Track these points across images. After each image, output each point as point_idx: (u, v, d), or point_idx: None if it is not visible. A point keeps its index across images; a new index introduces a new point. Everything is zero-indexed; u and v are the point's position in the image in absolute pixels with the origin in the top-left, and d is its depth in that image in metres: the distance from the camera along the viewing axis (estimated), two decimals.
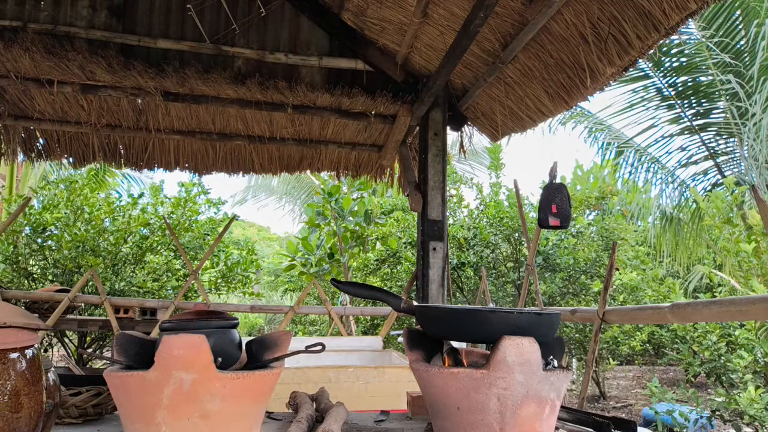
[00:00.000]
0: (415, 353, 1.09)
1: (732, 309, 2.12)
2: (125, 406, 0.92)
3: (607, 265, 3.24)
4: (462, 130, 3.74)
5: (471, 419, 0.93)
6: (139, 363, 0.95)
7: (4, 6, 3.11)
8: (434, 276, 3.29)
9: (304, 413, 1.11)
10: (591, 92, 2.65)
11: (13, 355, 0.81)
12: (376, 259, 9.15)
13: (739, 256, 6.14)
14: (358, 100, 3.45)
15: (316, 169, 4.43)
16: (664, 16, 2.08)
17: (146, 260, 7.94)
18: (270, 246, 21.11)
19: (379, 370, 3.03)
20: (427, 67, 3.38)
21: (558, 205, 2.75)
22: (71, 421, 1.12)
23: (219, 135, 3.86)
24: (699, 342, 5.69)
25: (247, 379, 0.91)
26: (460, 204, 9.39)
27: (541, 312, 0.97)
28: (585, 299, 7.45)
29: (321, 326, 10.39)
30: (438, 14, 2.94)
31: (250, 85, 3.29)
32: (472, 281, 8.38)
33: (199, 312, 1.04)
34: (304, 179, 13.10)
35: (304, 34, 3.52)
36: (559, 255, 7.53)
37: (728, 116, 7.62)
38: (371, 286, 1.23)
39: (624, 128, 8.68)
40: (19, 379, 0.81)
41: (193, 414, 0.87)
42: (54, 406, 0.91)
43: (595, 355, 3.29)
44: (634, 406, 7.38)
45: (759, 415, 4.48)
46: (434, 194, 3.34)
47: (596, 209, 9.10)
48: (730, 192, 6.98)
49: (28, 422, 0.81)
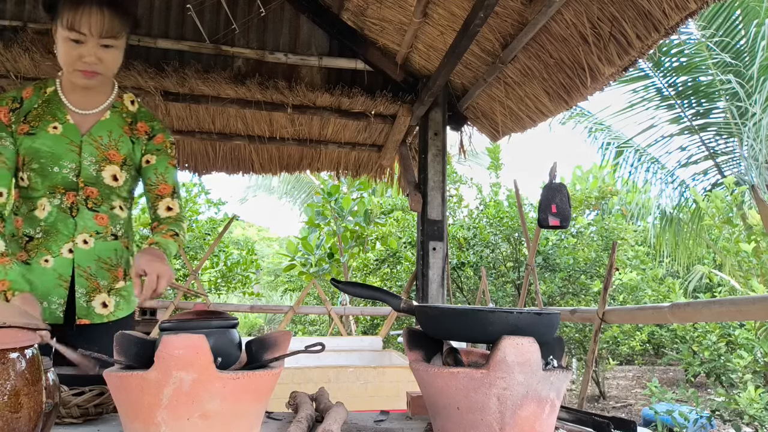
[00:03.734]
0: (415, 353, 1.09)
1: (732, 309, 2.12)
2: (125, 406, 0.92)
3: (607, 265, 3.24)
4: (462, 130, 3.74)
5: (471, 419, 0.93)
6: (139, 363, 0.95)
7: (4, 6, 3.11)
8: (434, 276, 3.29)
9: (304, 413, 1.11)
10: (591, 92, 2.65)
11: (12, 355, 0.81)
12: (376, 259, 9.16)
13: (739, 256, 6.15)
14: (357, 100, 3.45)
15: (315, 169, 4.43)
16: (664, 16, 2.08)
17: None
18: (270, 246, 21.11)
19: (379, 370, 3.03)
20: (427, 67, 3.38)
21: (558, 205, 2.75)
22: (72, 421, 1.12)
23: (219, 135, 3.86)
24: (699, 342, 5.69)
25: (247, 379, 0.91)
26: (460, 204, 9.40)
27: (541, 312, 0.97)
28: (585, 299, 7.45)
29: (321, 326, 10.40)
30: (438, 14, 2.94)
31: (250, 85, 3.29)
32: (472, 281, 8.38)
33: (199, 312, 1.04)
34: (304, 179, 13.11)
35: (304, 34, 3.52)
36: (559, 255, 7.54)
37: (728, 116, 7.62)
38: (371, 286, 1.23)
39: (624, 128, 8.70)
40: (18, 379, 0.81)
41: (193, 414, 0.87)
42: (54, 406, 0.91)
43: (595, 355, 3.29)
44: (634, 406, 7.39)
45: (759, 415, 4.48)
46: (434, 194, 3.34)
47: (596, 209, 9.11)
48: (730, 192, 6.98)
49: (27, 422, 0.81)
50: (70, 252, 1.60)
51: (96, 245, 1.63)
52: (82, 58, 1.52)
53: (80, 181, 1.60)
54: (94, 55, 1.52)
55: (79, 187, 1.61)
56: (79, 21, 1.48)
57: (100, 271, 1.64)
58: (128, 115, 1.71)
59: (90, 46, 1.51)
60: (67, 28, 1.49)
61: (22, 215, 1.61)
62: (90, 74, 1.56)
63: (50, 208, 1.59)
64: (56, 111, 1.61)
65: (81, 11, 1.48)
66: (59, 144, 1.58)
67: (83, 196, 1.62)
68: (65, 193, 1.60)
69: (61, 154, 1.58)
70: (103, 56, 1.54)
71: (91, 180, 1.62)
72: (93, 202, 1.63)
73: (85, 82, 1.58)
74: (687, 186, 8.54)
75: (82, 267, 1.61)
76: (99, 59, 1.54)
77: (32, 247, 1.58)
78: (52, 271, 1.59)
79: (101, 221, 1.65)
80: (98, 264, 1.64)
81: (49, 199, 1.59)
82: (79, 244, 1.61)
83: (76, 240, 1.61)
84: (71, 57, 1.53)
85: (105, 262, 1.65)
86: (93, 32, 1.50)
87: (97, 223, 1.64)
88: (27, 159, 1.57)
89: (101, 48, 1.53)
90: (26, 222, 1.60)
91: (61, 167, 1.58)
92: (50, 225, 1.59)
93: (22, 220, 1.60)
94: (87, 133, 1.62)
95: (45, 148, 1.56)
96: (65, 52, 1.53)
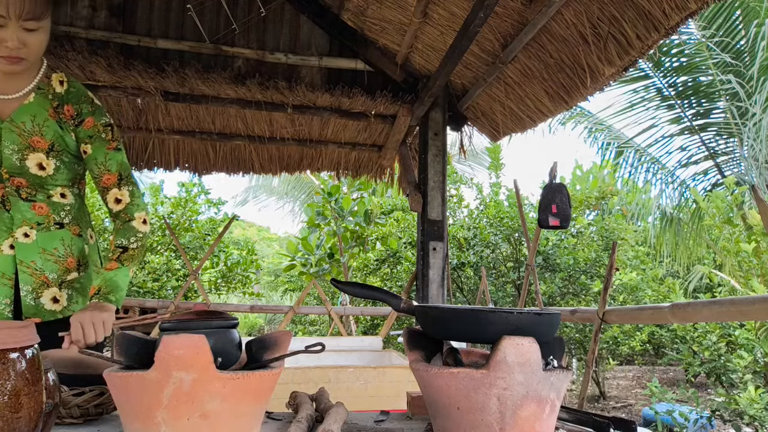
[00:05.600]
0: (415, 353, 1.09)
1: (732, 309, 2.12)
2: (125, 406, 0.92)
3: (607, 265, 3.24)
4: (462, 130, 3.74)
5: (471, 419, 0.93)
6: (139, 363, 0.95)
7: None
8: (434, 276, 3.29)
9: (304, 413, 1.11)
10: (591, 92, 2.65)
11: (12, 355, 0.81)
12: (376, 259, 9.16)
13: (739, 256, 6.14)
14: (358, 100, 3.45)
15: (316, 169, 4.43)
16: (664, 16, 2.08)
17: (146, 260, 7.93)
18: (270, 246, 21.11)
19: (379, 370, 3.03)
20: (427, 67, 3.38)
21: (558, 205, 2.76)
22: (72, 421, 1.12)
23: (219, 135, 3.87)
24: (699, 342, 5.69)
25: (247, 379, 0.91)
26: (460, 204, 9.40)
27: (541, 312, 0.97)
28: (585, 299, 7.45)
29: (321, 326, 10.40)
30: (438, 14, 2.94)
31: (250, 85, 3.29)
32: (472, 281, 8.38)
33: (199, 312, 1.04)
34: (304, 179, 13.10)
35: (304, 34, 3.52)
36: (559, 255, 7.53)
37: (728, 116, 7.62)
38: (371, 286, 1.23)
39: (624, 128, 8.68)
40: (19, 379, 0.81)
41: (193, 414, 0.87)
42: (54, 406, 0.91)
43: (595, 355, 3.29)
44: (634, 406, 7.38)
45: (759, 415, 4.48)
46: (434, 194, 3.34)
47: (596, 209, 9.11)
48: (730, 192, 6.98)
49: (28, 422, 0.81)
50: (11, 248, 1.51)
51: (39, 237, 1.53)
52: (4, 43, 1.40)
53: (3, 171, 1.49)
54: (17, 39, 1.41)
55: (3, 178, 1.50)
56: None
57: (47, 264, 1.55)
58: (55, 98, 1.57)
59: (11, 30, 1.40)
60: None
61: None
62: (14, 59, 1.44)
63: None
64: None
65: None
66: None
67: (12, 187, 1.51)
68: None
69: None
70: (27, 39, 1.43)
71: (15, 170, 1.50)
72: (26, 192, 1.53)
73: (9, 68, 1.46)
74: (687, 186, 8.54)
75: (26, 262, 1.52)
76: (23, 43, 1.42)
77: None
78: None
79: (40, 211, 1.54)
80: (43, 257, 1.54)
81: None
82: (19, 238, 1.51)
83: (15, 234, 1.51)
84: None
85: (51, 253, 1.55)
86: (12, 14, 1.38)
87: (36, 213, 1.53)
88: None
89: (24, 32, 1.42)
90: None
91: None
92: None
93: None
94: (7, 119, 1.50)
95: None
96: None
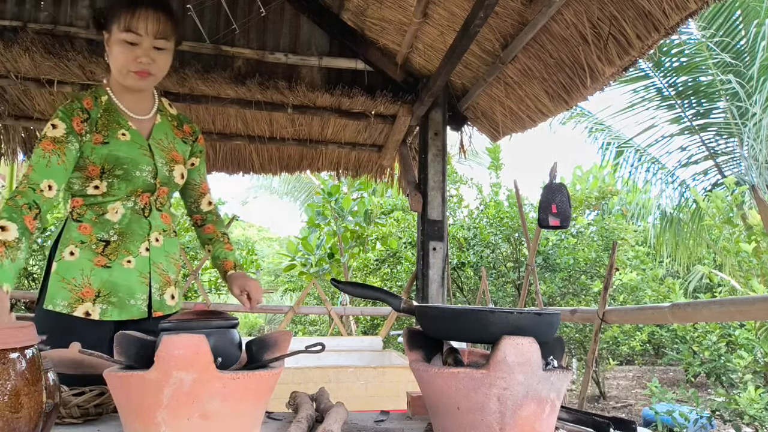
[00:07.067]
0: (415, 353, 1.09)
1: (732, 309, 2.12)
2: (125, 406, 0.92)
3: (607, 265, 3.24)
4: (462, 130, 3.74)
5: (471, 419, 0.93)
6: (139, 363, 0.95)
7: (4, 6, 3.10)
8: (434, 276, 3.29)
9: (304, 413, 1.11)
10: (591, 92, 2.64)
11: (13, 355, 0.81)
12: (376, 259, 9.16)
13: (739, 256, 6.14)
14: (358, 100, 3.45)
15: (316, 169, 4.43)
16: (664, 16, 2.08)
17: None
18: (270, 246, 21.09)
19: (379, 370, 3.03)
20: (427, 67, 3.38)
21: (558, 205, 2.76)
22: (72, 421, 1.12)
23: (219, 135, 3.86)
24: (699, 342, 5.69)
25: (247, 379, 0.91)
26: (460, 204, 9.39)
27: (541, 312, 0.97)
28: (585, 299, 7.45)
29: (321, 326, 10.39)
30: (438, 14, 2.94)
31: (250, 85, 3.29)
32: (472, 281, 8.38)
33: (199, 312, 1.04)
34: (304, 179, 13.11)
35: (304, 34, 3.51)
36: (559, 255, 7.53)
37: (728, 116, 7.63)
38: (371, 286, 1.23)
39: (624, 128, 8.71)
40: (19, 379, 0.81)
41: (193, 414, 0.87)
42: (54, 406, 0.91)
43: (595, 355, 3.29)
44: (634, 406, 7.39)
45: (759, 415, 4.48)
46: (434, 194, 3.34)
47: (596, 209, 9.10)
48: (730, 192, 6.98)
49: (28, 422, 0.81)
50: (147, 251, 1.70)
51: (165, 242, 1.75)
52: (137, 59, 1.59)
53: (157, 182, 1.70)
54: (148, 56, 1.60)
55: (156, 188, 1.70)
56: (136, 23, 1.57)
57: (170, 266, 1.77)
58: (173, 118, 1.81)
59: (145, 48, 1.59)
60: (124, 30, 1.57)
61: (89, 221, 1.65)
62: (144, 74, 1.63)
63: (123, 210, 1.66)
64: (118, 119, 1.67)
65: (138, 14, 1.58)
66: (133, 149, 1.66)
67: (156, 196, 1.72)
68: (141, 195, 1.68)
69: (138, 158, 1.66)
70: (156, 57, 1.62)
71: (165, 180, 1.72)
72: (160, 202, 1.75)
73: (138, 84, 1.65)
74: (687, 186, 8.54)
75: (157, 264, 1.72)
76: (152, 59, 1.61)
77: (111, 251, 1.65)
78: (135, 270, 1.67)
79: (166, 219, 1.77)
80: (167, 259, 1.76)
81: (123, 203, 1.66)
82: (152, 242, 1.71)
83: (150, 239, 1.71)
84: (126, 59, 1.60)
85: (172, 257, 1.78)
86: (148, 32, 1.58)
87: (163, 221, 1.76)
88: (108, 167, 1.62)
89: (154, 50, 1.61)
90: (97, 227, 1.65)
91: (141, 171, 1.66)
92: (125, 227, 1.66)
93: (90, 226, 1.64)
94: (149, 137, 1.71)
95: (123, 155, 1.63)
96: (120, 55, 1.60)
